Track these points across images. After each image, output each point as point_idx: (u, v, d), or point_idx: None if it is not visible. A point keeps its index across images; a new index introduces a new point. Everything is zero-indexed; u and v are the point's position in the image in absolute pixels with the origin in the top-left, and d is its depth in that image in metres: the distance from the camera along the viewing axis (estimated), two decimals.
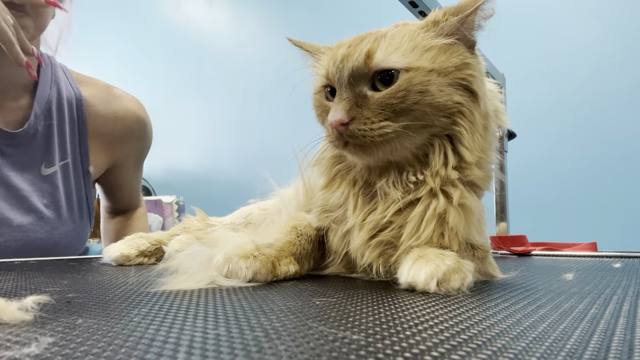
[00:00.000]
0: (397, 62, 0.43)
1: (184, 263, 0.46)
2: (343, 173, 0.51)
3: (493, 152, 0.49)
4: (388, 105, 0.43)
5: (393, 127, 0.43)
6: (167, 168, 3.05)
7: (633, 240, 1.56)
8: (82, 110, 0.93)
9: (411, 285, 0.39)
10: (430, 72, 0.43)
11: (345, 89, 0.45)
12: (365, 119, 0.43)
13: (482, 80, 0.47)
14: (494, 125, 0.49)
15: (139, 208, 1.14)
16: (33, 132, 0.85)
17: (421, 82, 0.43)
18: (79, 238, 0.95)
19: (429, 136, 0.45)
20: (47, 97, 0.88)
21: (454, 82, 0.44)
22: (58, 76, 0.91)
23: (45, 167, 0.87)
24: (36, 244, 0.85)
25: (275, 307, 0.31)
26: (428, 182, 0.45)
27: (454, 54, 0.45)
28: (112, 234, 1.09)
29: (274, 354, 0.20)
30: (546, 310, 0.31)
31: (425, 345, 0.21)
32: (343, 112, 0.43)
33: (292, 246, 0.49)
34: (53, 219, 0.87)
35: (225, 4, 3.04)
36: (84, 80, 0.97)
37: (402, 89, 0.43)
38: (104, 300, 0.33)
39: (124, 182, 1.06)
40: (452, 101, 0.44)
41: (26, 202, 0.84)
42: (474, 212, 0.46)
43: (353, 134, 0.43)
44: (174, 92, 3.15)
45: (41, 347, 0.20)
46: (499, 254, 0.95)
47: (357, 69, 0.44)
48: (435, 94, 0.43)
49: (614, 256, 0.86)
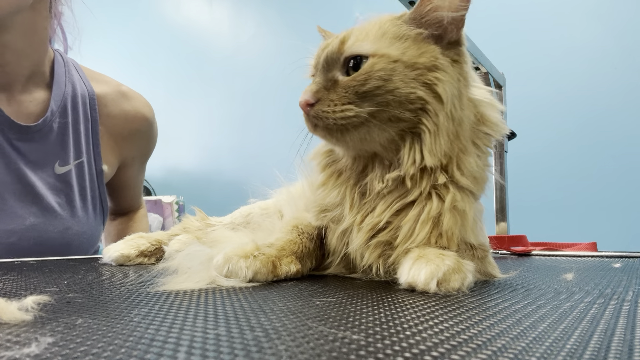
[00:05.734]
0: (365, 48, 0.45)
1: (183, 263, 0.46)
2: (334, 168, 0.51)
3: (474, 157, 0.47)
4: (351, 89, 0.44)
5: (355, 111, 0.44)
6: (167, 168, 3.05)
7: (633, 240, 1.56)
8: (95, 108, 0.92)
9: (411, 286, 0.39)
10: (395, 62, 0.43)
11: (320, 73, 0.47)
12: (330, 101, 0.45)
13: (452, 84, 0.44)
14: (478, 131, 0.47)
15: (140, 209, 1.14)
16: (48, 128, 0.84)
17: (383, 69, 0.43)
18: (92, 238, 0.94)
19: (399, 131, 0.45)
20: (63, 94, 0.87)
21: (419, 79, 0.44)
22: (72, 73, 0.91)
23: (60, 166, 0.86)
24: (49, 244, 0.84)
25: (275, 307, 0.31)
26: (406, 182, 0.45)
27: (426, 52, 0.44)
28: (113, 236, 1.09)
29: (274, 354, 0.20)
30: (546, 310, 0.31)
31: (425, 345, 0.21)
32: (310, 93, 0.45)
33: (294, 245, 0.49)
34: (67, 218, 0.87)
35: (225, 4, 3.04)
36: (96, 78, 0.96)
37: (364, 72, 0.44)
38: (104, 300, 0.33)
39: (128, 183, 1.06)
40: (416, 95, 0.43)
41: (40, 202, 0.83)
42: (469, 215, 0.45)
43: (317, 114, 0.45)
44: (174, 92, 3.15)
45: (41, 347, 0.20)
46: (499, 254, 0.95)
47: (331, 55, 0.46)
48: (397, 83, 0.43)
49: (614, 256, 0.86)
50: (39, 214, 0.83)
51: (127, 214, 1.12)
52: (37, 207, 0.83)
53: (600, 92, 1.73)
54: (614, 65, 1.71)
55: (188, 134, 3.09)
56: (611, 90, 1.71)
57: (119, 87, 0.99)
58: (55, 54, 0.89)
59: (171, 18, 3.24)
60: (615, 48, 1.72)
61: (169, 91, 3.15)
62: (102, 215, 0.97)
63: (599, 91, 1.73)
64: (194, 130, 3.08)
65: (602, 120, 1.72)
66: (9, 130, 0.80)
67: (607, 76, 1.72)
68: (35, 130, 0.82)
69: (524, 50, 1.86)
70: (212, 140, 2.99)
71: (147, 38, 3.28)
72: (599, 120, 1.73)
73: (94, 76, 0.97)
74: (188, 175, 3.05)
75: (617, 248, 1.07)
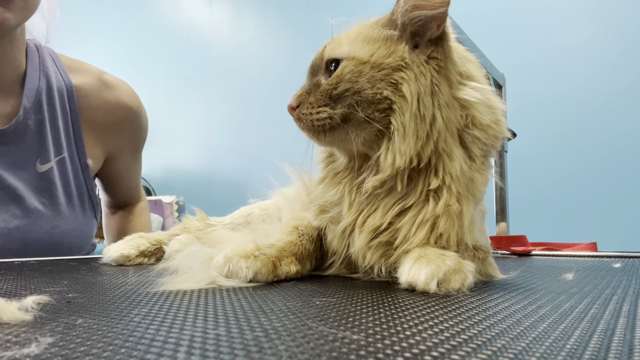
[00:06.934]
0: (339, 52, 0.46)
1: (184, 263, 0.46)
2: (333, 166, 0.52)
3: (460, 161, 0.45)
4: (326, 92, 0.46)
5: (328, 113, 0.45)
6: (167, 168, 3.05)
7: (633, 240, 1.56)
8: (73, 100, 0.88)
9: (411, 285, 0.39)
10: (364, 64, 0.44)
11: (307, 78, 0.49)
12: (308, 104, 0.47)
13: (420, 82, 0.43)
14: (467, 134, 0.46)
15: (140, 202, 1.11)
16: (23, 127, 0.81)
17: (351, 72, 0.45)
18: (83, 235, 0.92)
19: (376, 132, 0.45)
20: (37, 89, 0.83)
21: (386, 79, 0.44)
22: (47, 65, 0.86)
23: (41, 164, 0.84)
24: (37, 244, 0.83)
25: (275, 307, 0.31)
26: (396, 185, 0.45)
27: (394, 52, 0.44)
28: (114, 230, 1.08)
29: (274, 354, 0.20)
30: (546, 310, 0.31)
31: (425, 345, 0.21)
32: (293, 98, 0.48)
33: (294, 246, 0.49)
34: (52, 217, 0.85)
35: (225, 4, 3.04)
36: (75, 67, 0.92)
37: (336, 76, 0.45)
38: (104, 300, 0.33)
39: (121, 175, 1.03)
40: (382, 96, 0.44)
41: (23, 203, 0.81)
42: (465, 217, 0.45)
43: (299, 117, 0.48)
44: (174, 92, 3.15)
45: (41, 347, 0.20)
46: (499, 254, 0.95)
47: (315, 60, 0.49)
48: (364, 84, 0.44)
49: (614, 256, 0.86)
50: (23, 215, 0.81)
51: (127, 207, 1.09)
52: (20, 209, 0.81)
53: (600, 92, 1.73)
54: (613, 65, 1.72)
55: (188, 134, 3.09)
56: (610, 90, 1.71)
57: (101, 76, 0.94)
58: (27, 45, 0.85)
59: (171, 18, 3.24)
60: (614, 48, 1.72)
61: (169, 91, 3.15)
62: (92, 210, 0.94)
63: (599, 91, 1.74)
64: (194, 130, 3.08)
65: (601, 120, 1.72)
66: None
67: (607, 76, 1.72)
68: (9, 132, 0.80)
69: (523, 50, 1.86)
70: (212, 140, 2.99)
71: (147, 38, 3.28)
72: (598, 120, 1.73)
73: (73, 65, 0.92)
74: (188, 175, 3.05)
75: (617, 248, 1.08)
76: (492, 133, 0.47)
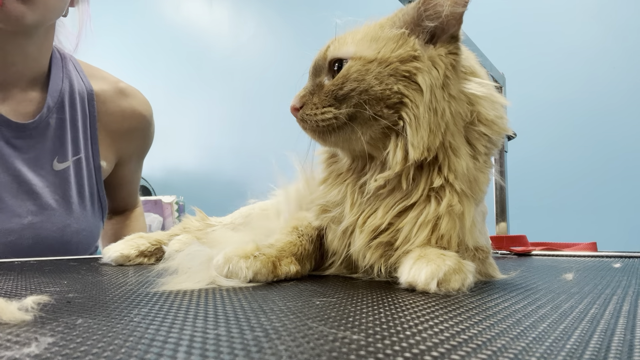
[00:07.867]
0: (344, 52, 0.46)
1: (183, 263, 0.46)
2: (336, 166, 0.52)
3: (467, 158, 0.45)
4: (331, 92, 0.45)
5: (334, 113, 0.45)
6: (167, 168, 3.05)
7: (633, 240, 1.56)
8: (93, 104, 0.92)
9: (411, 285, 0.39)
10: (371, 62, 0.44)
11: (309, 79, 0.49)
12: (312, 104, 0.46)
13: (434, 74, 0.43)
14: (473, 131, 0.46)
15: (137, 208, 1.14)
16: (45, 125, 0.84)
17: (358, 71, 0.44)
18: (91, 235, 0.94)
19: (383, 129, 0.45)
20: (60, 90, 0.87)
21: (396, 73, 0.44)
22: (69, 69, 0.91)
23: (58, 162, 0.86)
24: (48, 242, 0.84)
25: (275, 307, 0.31)
26: (402, 183, 0.45)
27: (403, 45, 0.44)
28: (110, 235, 1.09)
29: (274, 354, 0.20)
30: (546, 310, 0.31)
31: (425, 345, 0.21)
32: (297, 98, 0.48)
33: (293, 246, 0.49)
34: (65, 215, 0.86)
35: (225, 4, 3.04)
36: (94, 74, 0.96)
37: (342, 76, 0.45)
38: (104, 300, 0.33)
39: (125, 181, 1.06)
40: (392, 91, 0.43)
41: (38, 199, 0.83)
42: (467, 218, 0.45)
43: (302, 117, 0.47)
44: (174, 92, 3.15)
45: (41, 347, 0.20)
46: (499, 254, 0.95)
47: (318, 60, 0.48)
48: (370, 82, 0.44)
49: (614, 256, 0.86)
50: (37, 212, 0.83)
51: (124, 212, 1.11)
52: (35, 205, 0.83)
53: (600, 92, 1.73)
54: (614, 66, 1.72)
55: (188, 134, 3.09)
56: (611, 90, 1.71)
57: (118, 84, 0.98)
58: (53, 51, 0.89)
59: (171, 18, 3.24)
60: (614, 48, 1.72)
61: (169, 91, 3.15)
62: (100, 211, 0.96)
63: (599, 91, 1.74)
64: (193, 130, 3.08)
65: (602, 120, 1.72)
66: (6, 129, 0.80)
67: (607, 76, 1.72)
68: (32, 127, 0.82)
69: (524, 50, 1.86)
70: (212, 140, 2.99)
71: (147, 38, 3.28)
72: (598, 120, 1.73)
73: (93, 72, 0.96)
74: (188, 175, 3.05)
75: (617, 248, 1.07)
76: (497, 129, 0.47)
